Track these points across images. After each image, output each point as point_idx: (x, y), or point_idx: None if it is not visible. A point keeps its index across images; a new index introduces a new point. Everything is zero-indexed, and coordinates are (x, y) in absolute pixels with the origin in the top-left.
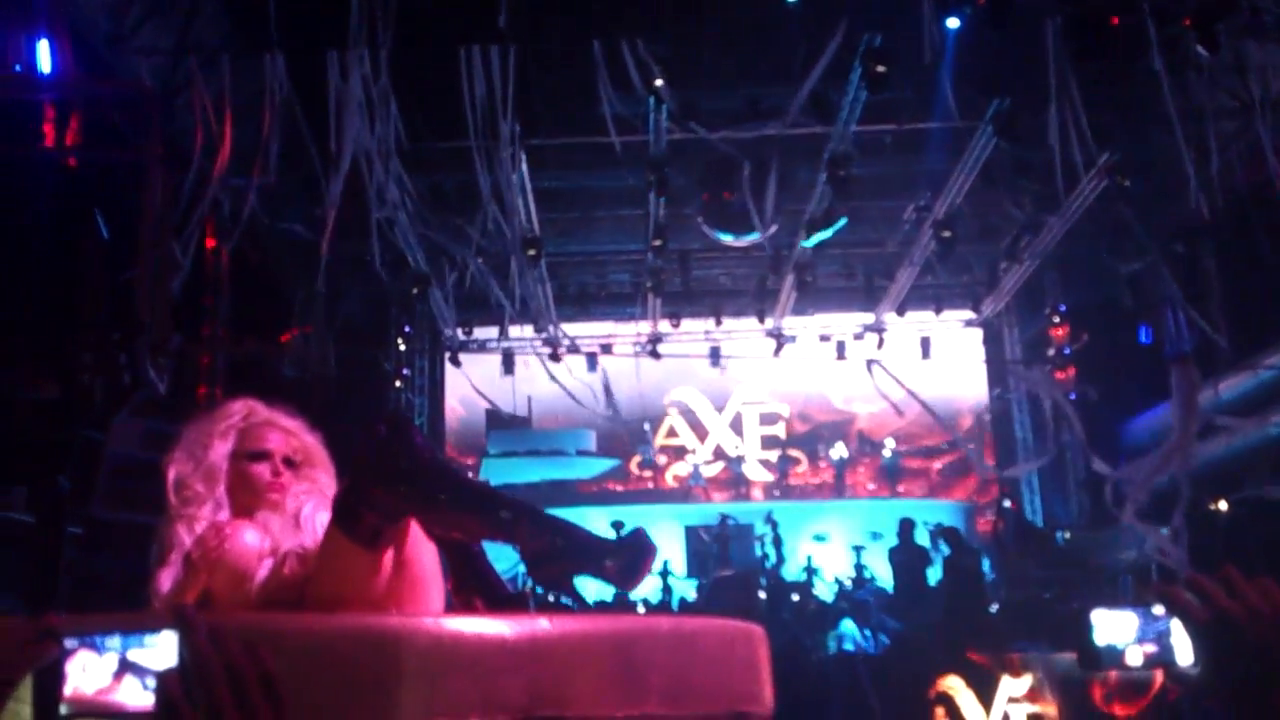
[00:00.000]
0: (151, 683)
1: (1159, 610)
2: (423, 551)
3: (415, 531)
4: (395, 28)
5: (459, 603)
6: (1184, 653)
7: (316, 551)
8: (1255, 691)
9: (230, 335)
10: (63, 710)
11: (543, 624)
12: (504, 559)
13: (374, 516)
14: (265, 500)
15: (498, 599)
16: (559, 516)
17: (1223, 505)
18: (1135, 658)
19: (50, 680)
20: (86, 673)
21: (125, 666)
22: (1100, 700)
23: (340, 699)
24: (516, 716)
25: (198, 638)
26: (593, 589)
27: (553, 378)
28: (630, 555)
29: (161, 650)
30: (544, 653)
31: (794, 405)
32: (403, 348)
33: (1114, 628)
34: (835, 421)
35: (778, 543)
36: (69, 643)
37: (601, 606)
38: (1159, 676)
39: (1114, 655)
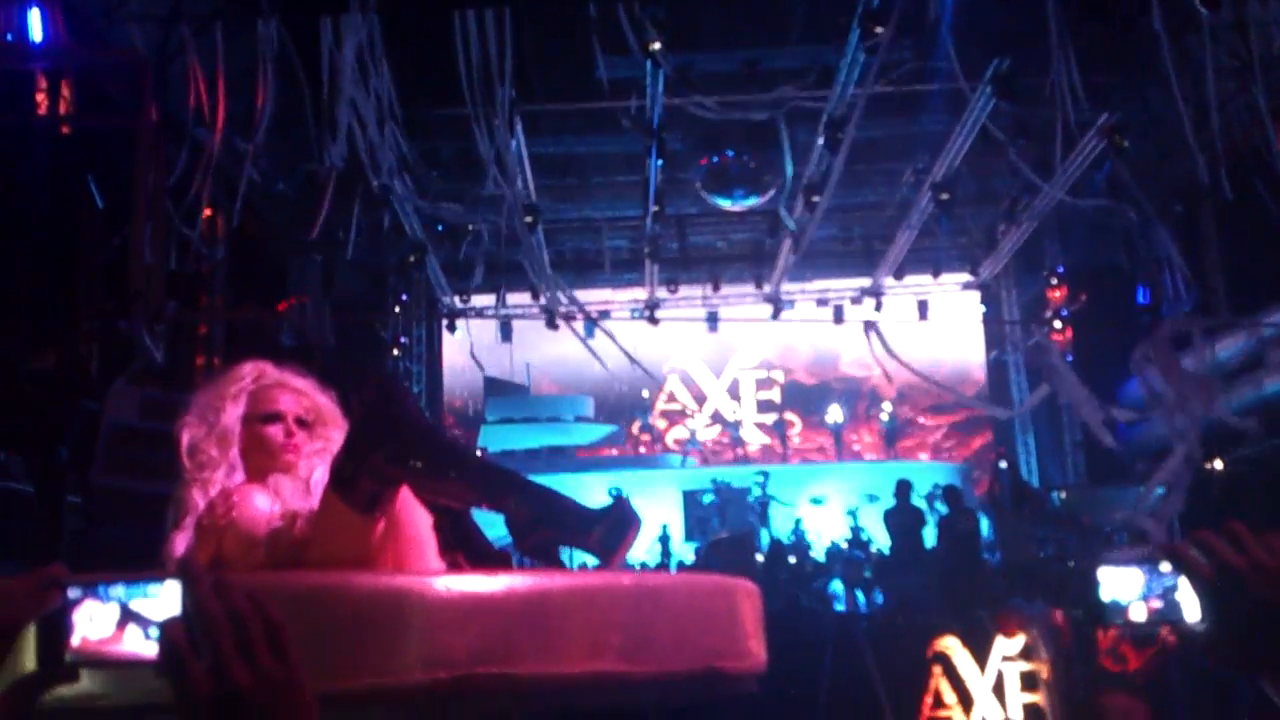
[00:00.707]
0: (155, 632)
1: (1165, 567)
2: (415, 513)
3: (408, 493)
4: None
5: (446, 563)
6: (1190, 609)
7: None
8: (1261, 647)
9: (227, 304)
10: (67, 659)
11: (493, 580)
12: (496, 527)
13: (370, 483)
14: (280, 462)
15: (481, 557)
16: (546, 486)
17: (1218, 464)
18: (1140, 613)
19: (54, 629)
20: (91, 622)
21: (129, 616)
22: (1107, 653)
23: (327, 651)
24: (458, 672)
25: (201, 587)
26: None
27: (597, 329)
28: (612, 527)
29: (165, 600)
30: (491, 609)
31: (790, 369)
32: (400, 315)
33: (1120, 584)
34: (831, 385)
35: (766, 503)
36: (73, 592)
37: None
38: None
39: (1119, 611)
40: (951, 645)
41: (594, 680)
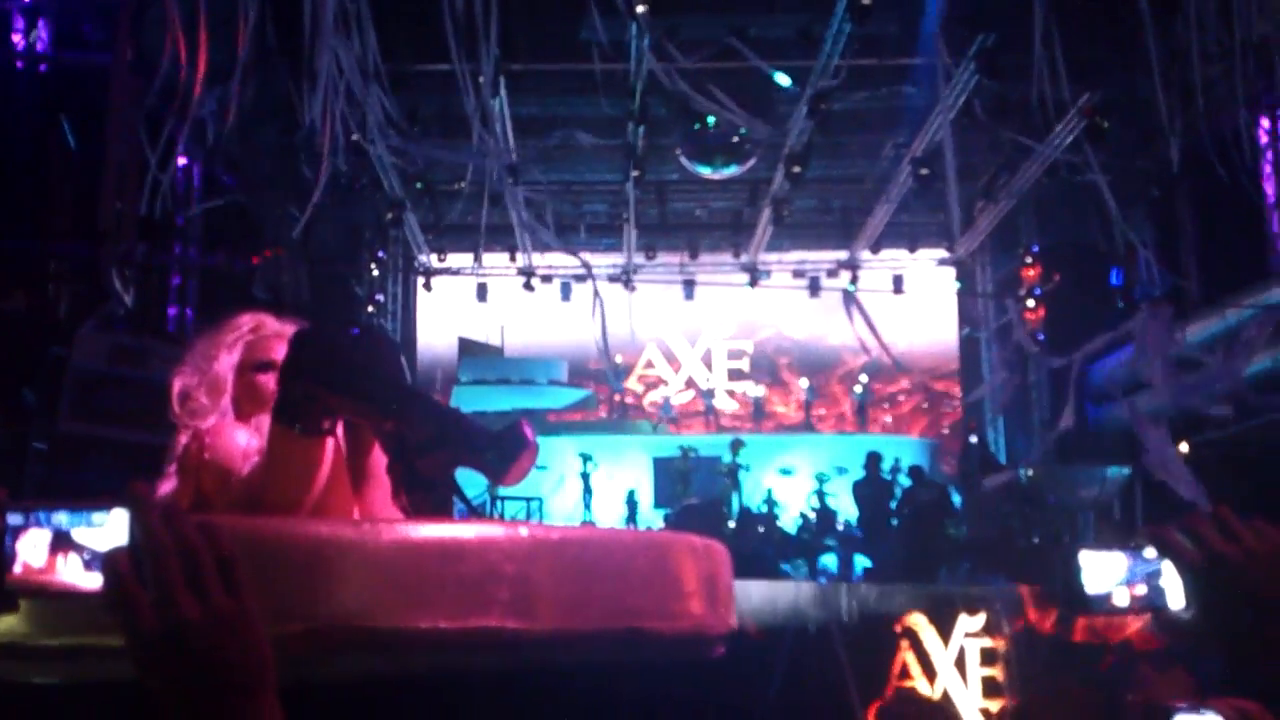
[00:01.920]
0: (99, 563)
1: (1150, 552)
2: (376, 452)
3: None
4: None
5: (397, 507)
6: (1175, 596)
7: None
8: (1251, 634)
9: (201, 253)
10: (5, 587)
11: (358, 529)
12: (473, 485)
13: (306, 404)
14: (269, 409)
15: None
16: (449, 407)
17: (1183, 448)
18: (1123, 599)
19: None
20: (32, 551)
21: (72, 545)
22: (1088, 626)
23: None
24: (307, 625)
25: (149, 516)
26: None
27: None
28: (505, 447)
29: (111, 529)
30: (357, 559)
31: (764, 340)
32: (376, 273)
33: (1102, 569)
34: (805, 356)
35: (735, 470)
36: (13, 518)
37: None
38: None
39: (1101, 597)
40: (919, 621)
41: (474, 637)
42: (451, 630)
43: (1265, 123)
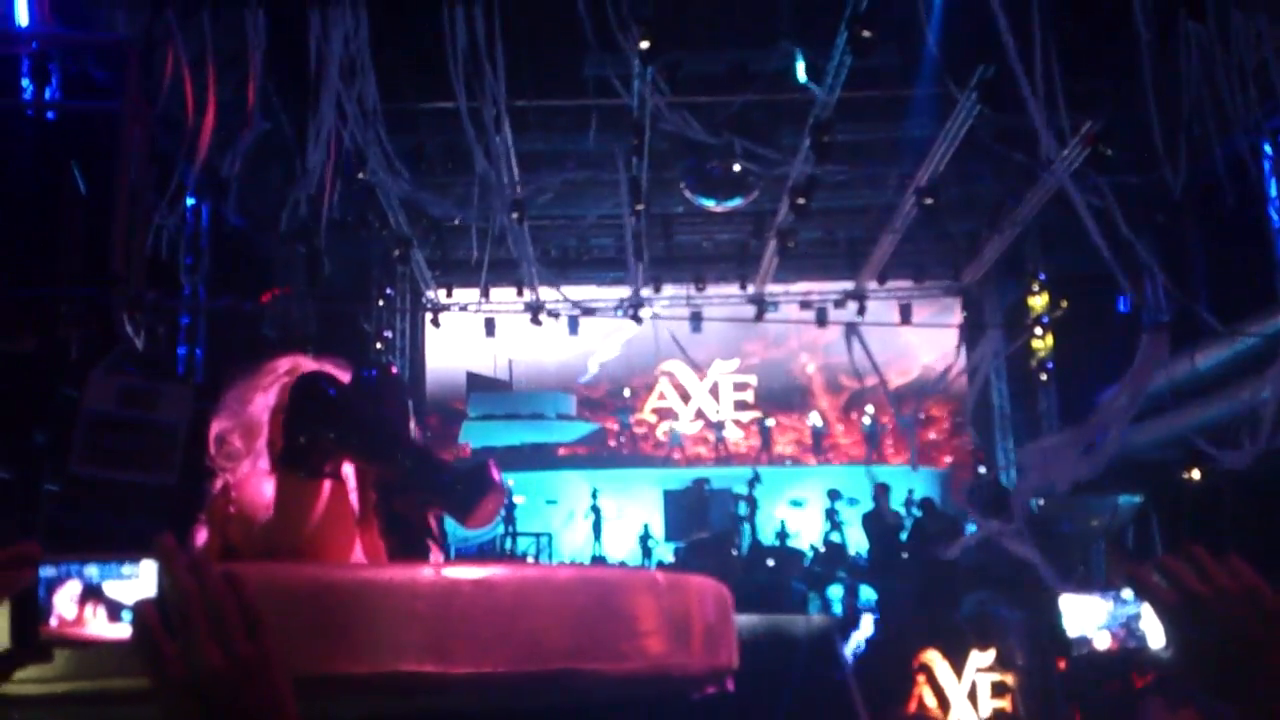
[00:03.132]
0: (128, 614)
1: (1127, 594)
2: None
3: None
4: None
5: (385, 545)
6: (1155, 636)
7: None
8: (1231, 673)
9: (209, 293)
10: (40, 639)
11: (277, 571)
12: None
13: (299, 444)
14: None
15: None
16: (423, 448)
17: (1195, 474)
18: (1104, 642)
19: (27, 607)
20: (65, 603)
21: (101, 597)
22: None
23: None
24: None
25: (177, 567)
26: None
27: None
28: (470, 488)
29: (140, 581)
30: (278, 604)
31: (772, 371)
32: (384, 309)
33: (1083, 613)
34: (812, 387)
35: (753, 504)
36: (46, 571)
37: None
38: None
39: (1083, 641)
40: (933, 657)
41: (391, 681)
42: (363, 676)
43: (1269, 149)
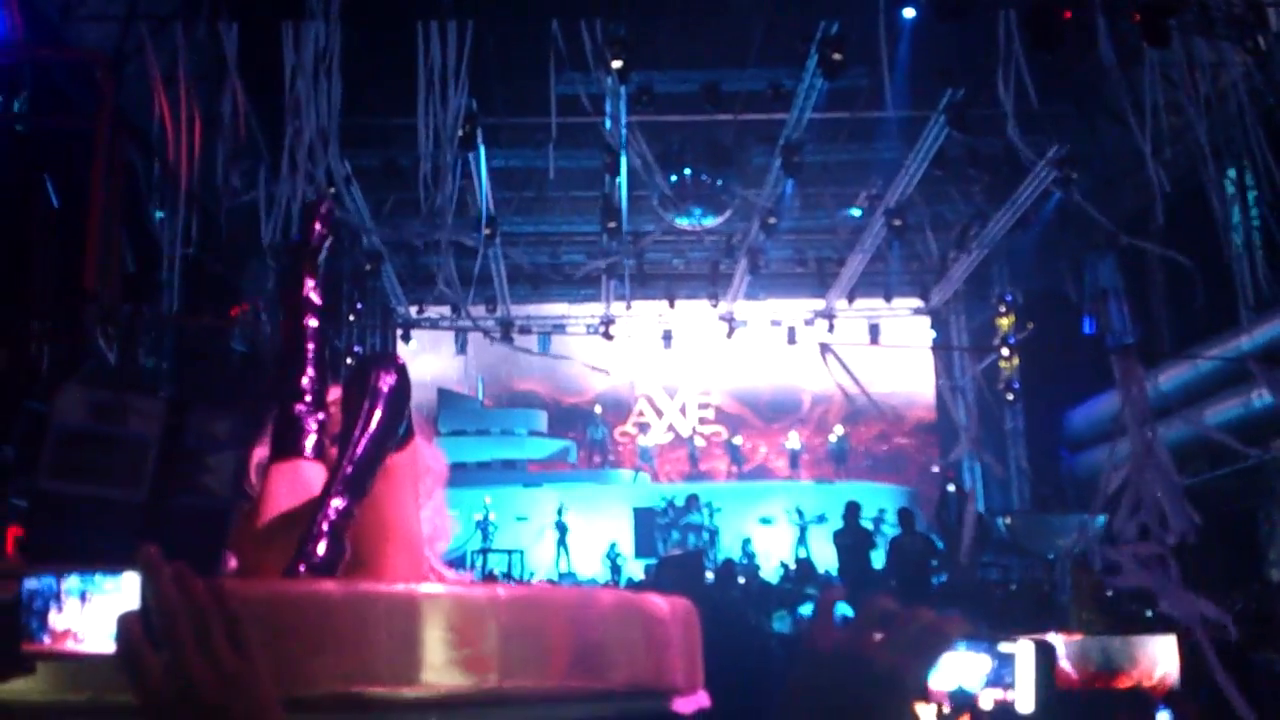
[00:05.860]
0: (112, 627)
1: (1005, 647)
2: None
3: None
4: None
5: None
6: (1024, 699)
7: None
8: None
9: (181, 309)
10: (22, 652)
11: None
12: (456, 540)
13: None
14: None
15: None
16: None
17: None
18: (988, 702)
19: (8, 621)
20: (47, 615)
21: (86, 609)
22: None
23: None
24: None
25: (161, 579)
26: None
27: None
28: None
29: (124, 593)
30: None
31: (741, 388)
32: (354, 324)
33: (963, 669)
34: (782, 405)
35: (714, 532)
36: (29, 584)
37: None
38: None
39: (965, 699)
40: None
41: (354, 700)
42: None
43: (1232, 173)
